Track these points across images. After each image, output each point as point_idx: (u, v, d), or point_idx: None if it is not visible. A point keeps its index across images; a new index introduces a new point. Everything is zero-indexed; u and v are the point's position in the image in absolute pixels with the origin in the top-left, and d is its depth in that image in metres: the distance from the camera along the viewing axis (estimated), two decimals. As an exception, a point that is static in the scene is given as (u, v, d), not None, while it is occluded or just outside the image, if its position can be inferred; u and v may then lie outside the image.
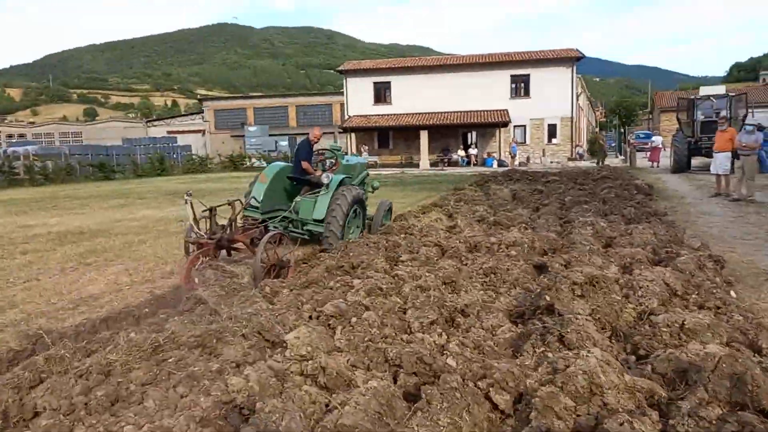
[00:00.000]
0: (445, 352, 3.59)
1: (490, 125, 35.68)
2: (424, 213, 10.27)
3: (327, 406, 3.01)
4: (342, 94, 59.80)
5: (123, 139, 50.85)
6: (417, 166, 35.70)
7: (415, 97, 36.83)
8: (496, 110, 35.60)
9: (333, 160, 8.80)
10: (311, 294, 5.15)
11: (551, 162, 33.84)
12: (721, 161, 12.62)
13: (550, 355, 3.34)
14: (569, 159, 34.91)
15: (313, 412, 2.94)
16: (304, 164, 8.18)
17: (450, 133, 37.22)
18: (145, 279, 6.68)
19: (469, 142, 38.27)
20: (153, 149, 43.35)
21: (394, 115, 36.67)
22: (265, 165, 44.47)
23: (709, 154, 20.58)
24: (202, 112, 58.79)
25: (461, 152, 35.83)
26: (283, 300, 4.92)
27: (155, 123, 62.67)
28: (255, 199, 7.72)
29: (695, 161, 21.61)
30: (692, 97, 22.52)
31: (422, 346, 3.64)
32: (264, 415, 2.76)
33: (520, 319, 4.36)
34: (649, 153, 28.91)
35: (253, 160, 45.25)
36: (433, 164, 35.41)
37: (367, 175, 9.37)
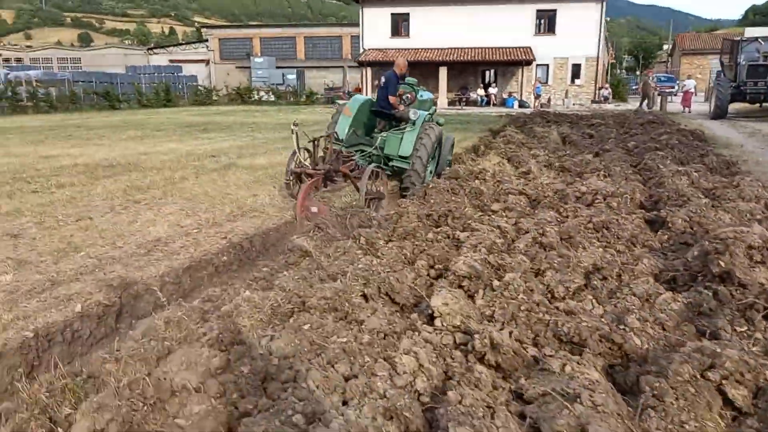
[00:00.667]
0: (621, 326, 3.09)
1: (512, 63, 34.33)
2: (481, 156, 9.65)
3: (516, 393, 2.54)
4: (353, 26, 57.66)
5: (126, 66, 49.14)
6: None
7: (435, 30, 35.20)
8: (519, 47, 34.15)
9: (409, 95, 8.41)
10: (412, 247, 4.63)
11: (573, 104, 32.78)
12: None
13: (759, 336, 2.85)
14: (592, 101, 33.81)
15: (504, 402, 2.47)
16: (392, 99, 7.94)
17: (469, 70, 35.87)
18: (210, 222, 6.15)
19: (487, 81, 36.97)
20: (158, 78, 41.91)
21: (413, 49, 35.15)
22: (273, 99, 43.56)
23: (754, 100, 19.81)
24: (206, 41, 56.58)
25: (480, 91, 34.64)
26: (387, 253, 4.39)
27: (156, 51, 60.44)
28: (339, 132, 7.61)
29: (733, 107, 20.75)
30: (737, 38, 21.37)
31: (593, 318, 3.14)
32: (457, 408, 2.29)
33: (673, 286, 3.85)
34: (681, 97, 27.87)
35: (261, 93, 43.91)
36: (450, 103, 34.32)
37: (435, 111, 8.99)
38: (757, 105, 20.65)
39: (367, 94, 34.38)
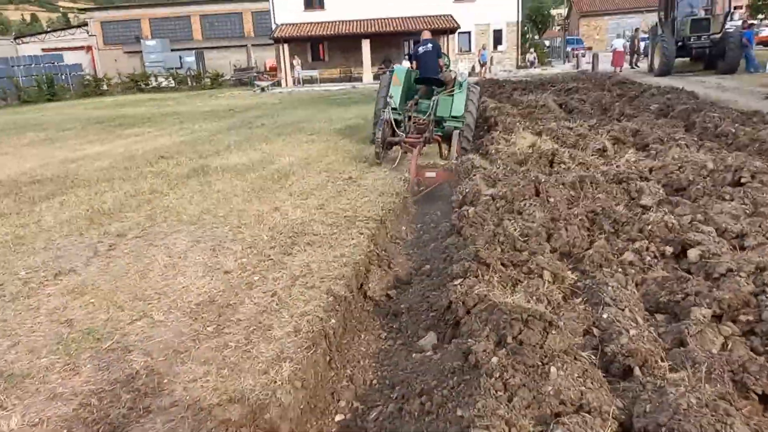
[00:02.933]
0: None
1: (434, 32, 33.10)
2: (504, 134, 8.34)
3: None
4: (254, 0, 54.03)
5: (-5, 58, 42.76)
6: (358, 80, 32.91)
7: (351, 1, 33.26)
8: (441, 15, 33.06)
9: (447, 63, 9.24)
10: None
11: (501, 70, 32.39)
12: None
13: None
14: (517, 67, 33.62)
15: None
16: (442, 62, 8.90)
17: (392, 41, 34.34)
18: (271, 260, 4.37)
19: (409, 51, 35.59)
20: (36, 70, 36.76)
21: (330, 22, 33.04)
22: (173, 84, 39.75)
23: (699, 55, 19.98)
24: (84, 25, 50.71)
25: (406, 63, 33.24)
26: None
27: (25, 40, 53.42)
28: (395, 100, 8.43)
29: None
30: (672, -8, 21.48)
31: None
32: None
33: None
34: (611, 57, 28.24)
35: (160, 79, 39.98)
36: (375, 77, 32.73)
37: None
38: (697, 60, 20.90)
39: (284, 72, 32.03)
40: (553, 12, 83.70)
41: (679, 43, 19.91)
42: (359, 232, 4.84)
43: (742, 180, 4.94)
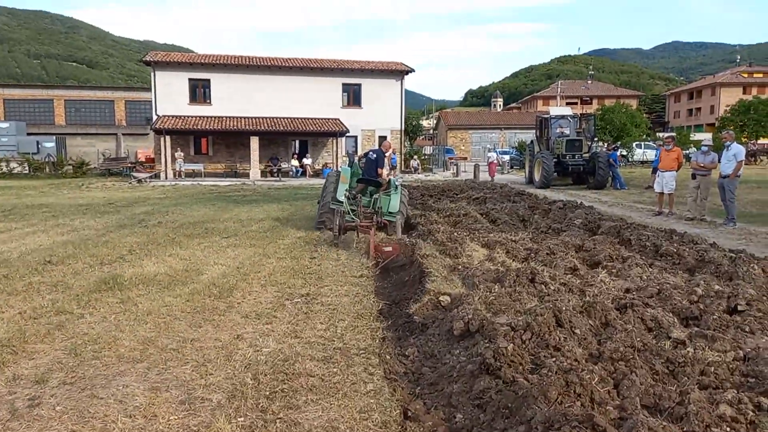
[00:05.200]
0: None
1: (323, 134, 33.79)
2: (451, 243, 8.06)
3: None
4: (128, 89, 51.96)
5: None
6: (243, 175, 32.05)
7: (239, 98, 33.01)
8: (330, 119, 33.89)
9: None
10: None
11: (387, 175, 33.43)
12: (667, 180, 12.86)
13: None
14: (402, 171, 34.94)
15: None
16: (382, 171, 10.40)
17: (280, 140, 34.28)
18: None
19: (296, 150, 35.87)
20: None
21: (217, 117, 32.30)
22: (27, 170, 35.75)
23: (573, 171, 22.00)
24: None
25: (295, 162, 33.21)
26: None
27: None
28: (339, 196, 10.19)
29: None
30: (546, 116, 23.89)
31: None
32: None
33: None
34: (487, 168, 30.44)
35: (12, 164, 35.89)
36: (263, 174, 32.21)
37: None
38: (572, 176, 23.04)
39: (164, 164, 30.25)
40: (424, 123, 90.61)
41: (555, 160, 21.89)
42: (366, 371, 4.01)
43: (739, 308, 4.91)
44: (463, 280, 6.36)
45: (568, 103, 73.81)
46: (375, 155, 10.50)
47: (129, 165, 35.37)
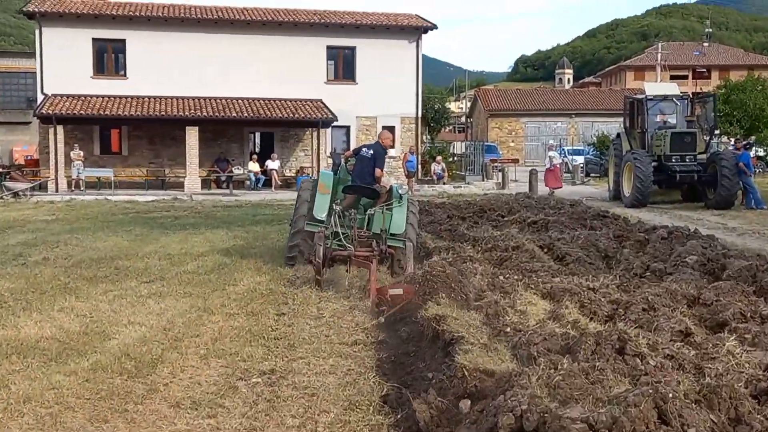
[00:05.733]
0: None
1: (298, 123, 34.05)
2: (501, 293, 8.10)
3: None
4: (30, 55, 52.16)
5: None
6: (176, 186, 32.24)
7: (170, 69, 33.20)
8: (308, 100, 34.12)
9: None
10: None
11: (395, 184, 33.43)
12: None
13: None
14: (418, 180, 34.99)
15: None
16: (380, 172, 10.93)
17: (232, 133, 34.62)
18: None
19: (254, 149, 36.12)
20: None
21: (135, 98, 32.55)
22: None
23: (683, 181, 22.06)
24: None
25: (252, 165, 33.38)
26: None
27: None
28: (318, 211, 10.53)
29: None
30: (640, 96, 24.01)
31: None
32: None
33: None
34: (543, 175, 30.50)
35: None
36: (204, 183, 32.48)
37: None
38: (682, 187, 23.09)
39: (54, 169, 30.48)
40: (451, 106, 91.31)
41: (654, 164, 21.94)
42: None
43: None
44: (513, 349, 6.36)
45: (673, 77, 74.11)
46: (371, 152, 10.96)
47: (0, 170, 35.63)
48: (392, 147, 12.34)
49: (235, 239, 15.14)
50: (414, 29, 36.45)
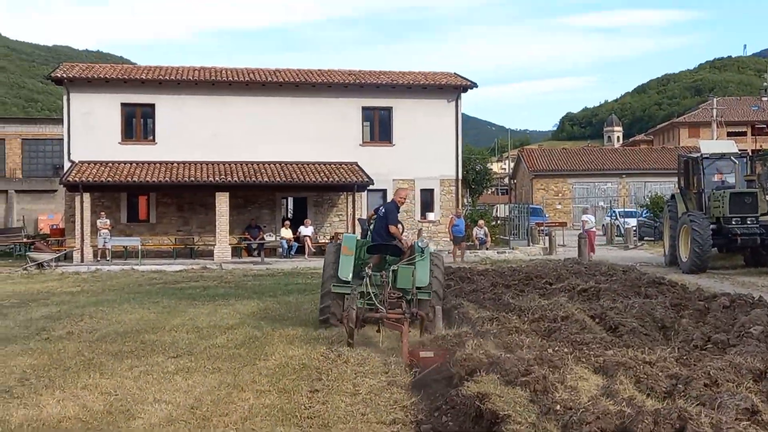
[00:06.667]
0: None
1: (332, 187, 34.33)
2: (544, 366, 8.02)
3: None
4: (25, 122, 54.12)
5: None
6: (205, 255, 32.58)
7: (199, 133, 33.87)
8: (343, 163, 34.44)
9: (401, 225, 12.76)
10: None
11: (437, 250, 33.52)
12: None
13: None
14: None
15: None
16: (394, 229, 12.06)
17: (263, 199, 35.03)
18: None
19: (287, 215, 36.47)
20: None
21: (164, 163, 33.25)
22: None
23: (745, 245, 21.80)
24: None
25: (285, 232, 33.64)
26: None
27: None
28: (343, 273, 11.61)
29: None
30: (695, 155, 23.96)
31: None
32: None
33: None
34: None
35: None
36: (235, 251, 32.75)
37: None
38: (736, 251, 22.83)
39: (81, 236, 30.99)
40: (493, 167, 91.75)
41: (713, 226, 21.75)
42: None
43: None
44: (563, 429, 6.28)
45: (730, 134, 74.02)
46: (384, 210, 12.24)
47: (25, 241, 36.32)
48: (403, 202, 12.76)
49: (266, 310, 15.22)
50: (453, 88, 36.82)
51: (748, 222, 21.59)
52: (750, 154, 26.06)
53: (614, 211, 50.06)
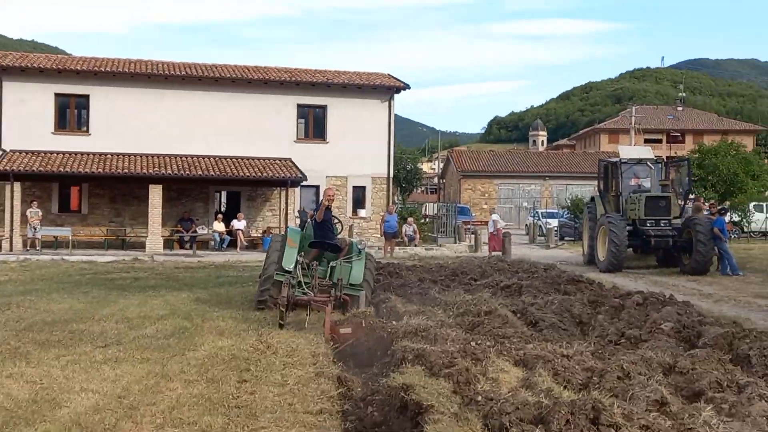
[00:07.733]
0: None
1: (266, 182, 34.12)
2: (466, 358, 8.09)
3: None
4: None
5: None
6: (137, 246, 32.04)
7: (134, 125, 33.33)
8: (276, 159, 34.29)
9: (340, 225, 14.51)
10: None
11: (368, 247, 33.51)
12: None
13: None
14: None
15: None
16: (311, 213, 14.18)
17: (196, 192, 34.60)
18: None
19: (220, 209, 36.14)
20: None
21: (98, 154, 32.55)
22: None
23: (658, 246, 22.31)
24: None
25: (218, 225, 33.29)
26: None
27: None
28: (287, 263, 12.48)
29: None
30: (615, 160, 24.43)
31: None
32: None
33: None
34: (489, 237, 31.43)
35: None
36: (167, 243, 32.27)
37: None
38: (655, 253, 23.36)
39: (11, 225, 30.19)
40: (424, 167, 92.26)
41: (629, 228, 22.22)
42: None
43: None
44: (484, 419, 6.32)
45: (647, 141, 75.77)
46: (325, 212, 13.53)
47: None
48: (331, 201, 13.84)
49: (196, 302, 15.01)
50: (386, 89, 37.05)
51: (662, 224, 22.07)
52: (665, 160, 26.58)
53: (537, 212, 50.86)
